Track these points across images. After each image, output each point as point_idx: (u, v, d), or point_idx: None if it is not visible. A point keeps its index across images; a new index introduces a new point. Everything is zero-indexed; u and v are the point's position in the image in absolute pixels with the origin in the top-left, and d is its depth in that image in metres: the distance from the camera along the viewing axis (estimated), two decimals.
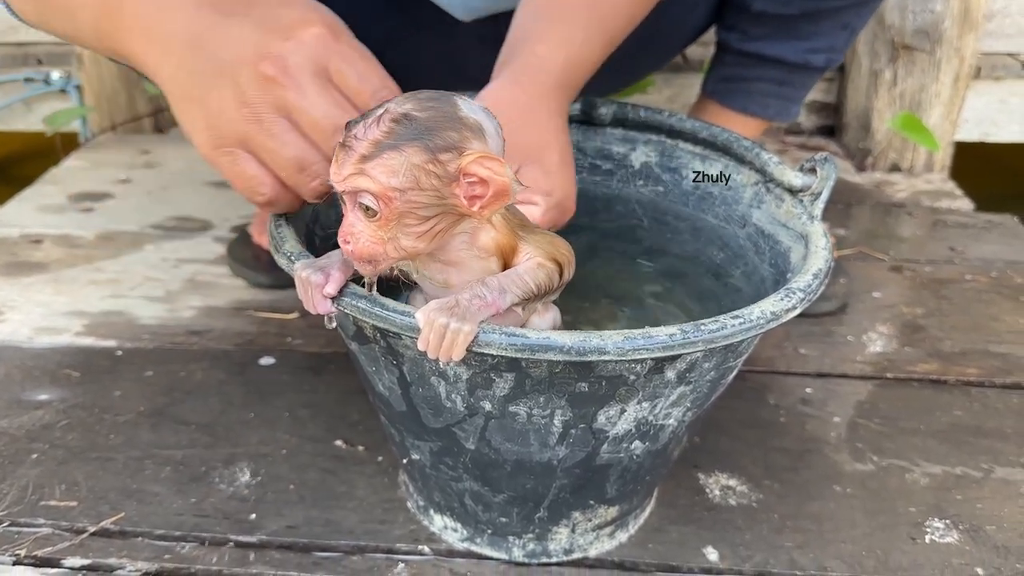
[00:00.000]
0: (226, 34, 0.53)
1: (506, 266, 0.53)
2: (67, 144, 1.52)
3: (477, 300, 0.48)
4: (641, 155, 0.76)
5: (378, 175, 0.46)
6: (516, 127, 0.59)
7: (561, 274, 0.54)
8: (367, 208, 0.47)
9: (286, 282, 1.01)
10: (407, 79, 0.62)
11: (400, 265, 0.52)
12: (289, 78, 0.52)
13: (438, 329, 0.47)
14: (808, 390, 0.88)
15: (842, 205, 1.30)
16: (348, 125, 0.47)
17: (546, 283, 0.53)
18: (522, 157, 0.61)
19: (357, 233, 0.48)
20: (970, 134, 1.46)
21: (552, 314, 0.59)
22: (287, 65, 0.52)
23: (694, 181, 0.74)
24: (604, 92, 1.10)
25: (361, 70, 0.55)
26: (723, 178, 0.72)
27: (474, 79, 0.71)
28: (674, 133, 0.74)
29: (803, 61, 0.97)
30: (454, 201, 0.47)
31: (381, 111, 0.47)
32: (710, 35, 1.04)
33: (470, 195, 0.47)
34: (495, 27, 0.78)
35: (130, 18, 0.56)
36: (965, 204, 1.32)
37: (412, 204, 0.47)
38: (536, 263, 0.52)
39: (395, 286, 0.55)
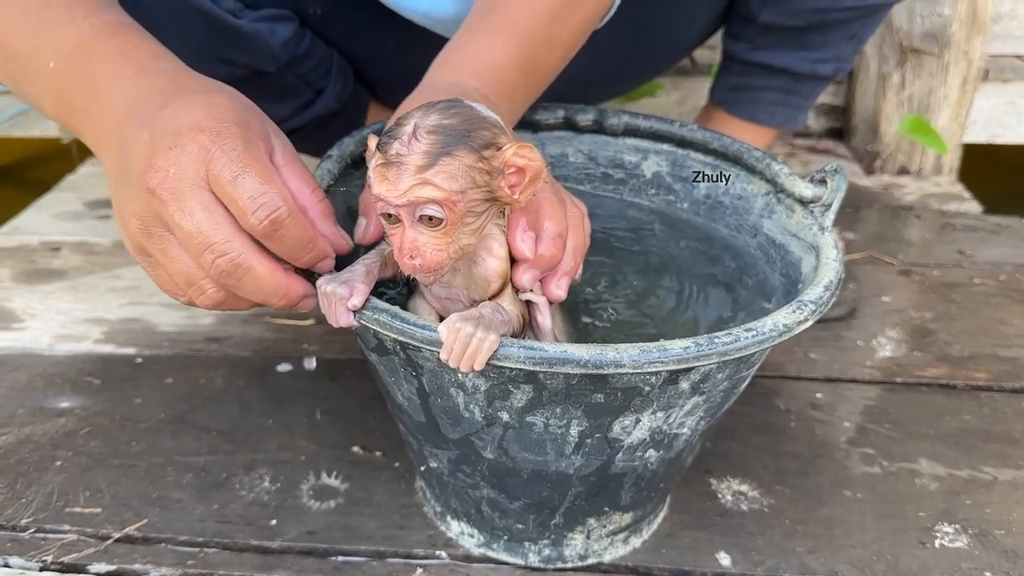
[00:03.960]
0: (135, 140, 0.52)
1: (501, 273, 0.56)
2: (83, 150, 1.53)
3: (498, 315, 0.51)
4: (653, 165, 0.77)
5: (440, 182, 0.48)
6: None
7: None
8: (430, 218, 0.49)
9: None
10: (385, 91, 0.62)
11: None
12: (167, 191, 0.50)
13: (463, 338, 0.49)
14: (818, 395, 0.89)
15: (851, 208, 1.30)
16: (379, 146, 0.49)
17: (518, 327, 0.56)
18: None
19: (422, 246, 0.50)
20: (978, 136, 1.46)
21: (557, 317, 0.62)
22: (166, 177, 0.50)
23: (693, 181, 0.75)
24: (606, 97, 1.11)
25: (240, 178, 0.50)
26: (723, 178, 0.73)
27: None
28: (685, 143, 0.75)
29: (811, 71, 0.97)
30: (500, 193, 0.51)
31: (411, 127, 0.49)
32: (719, 39, 1.05)
33: (510, 184, 0.51)
34: None
35: (80, 110, 0.57)
36: (974, 207, 1.32)
37: (472, 203, 0.50)
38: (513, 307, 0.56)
39: (391, 283, 0.59)
